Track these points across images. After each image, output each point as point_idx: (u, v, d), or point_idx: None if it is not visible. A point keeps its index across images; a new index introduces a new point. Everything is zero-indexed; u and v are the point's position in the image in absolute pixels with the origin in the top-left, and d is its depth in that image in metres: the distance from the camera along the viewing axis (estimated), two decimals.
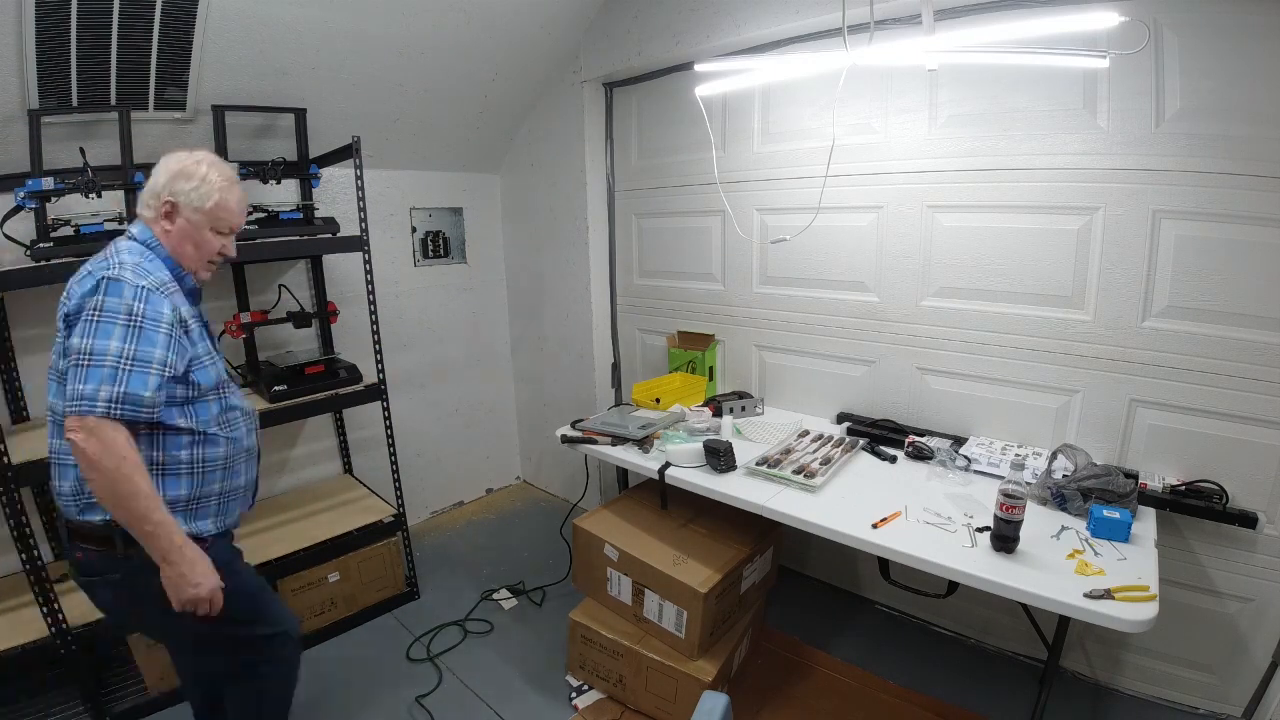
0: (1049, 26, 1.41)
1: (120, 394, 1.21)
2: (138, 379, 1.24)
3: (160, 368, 1.27)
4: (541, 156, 3.21)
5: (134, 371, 1.23)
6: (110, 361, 1.21)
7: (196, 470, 1.37)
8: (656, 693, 1.97)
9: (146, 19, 1.90)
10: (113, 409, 1.20)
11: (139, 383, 1.24)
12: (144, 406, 1.24)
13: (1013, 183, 1.97)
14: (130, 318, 1.25)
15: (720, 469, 1.97)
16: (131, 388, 1.23)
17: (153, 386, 1.25)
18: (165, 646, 1.82)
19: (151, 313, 1.27)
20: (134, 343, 1.24)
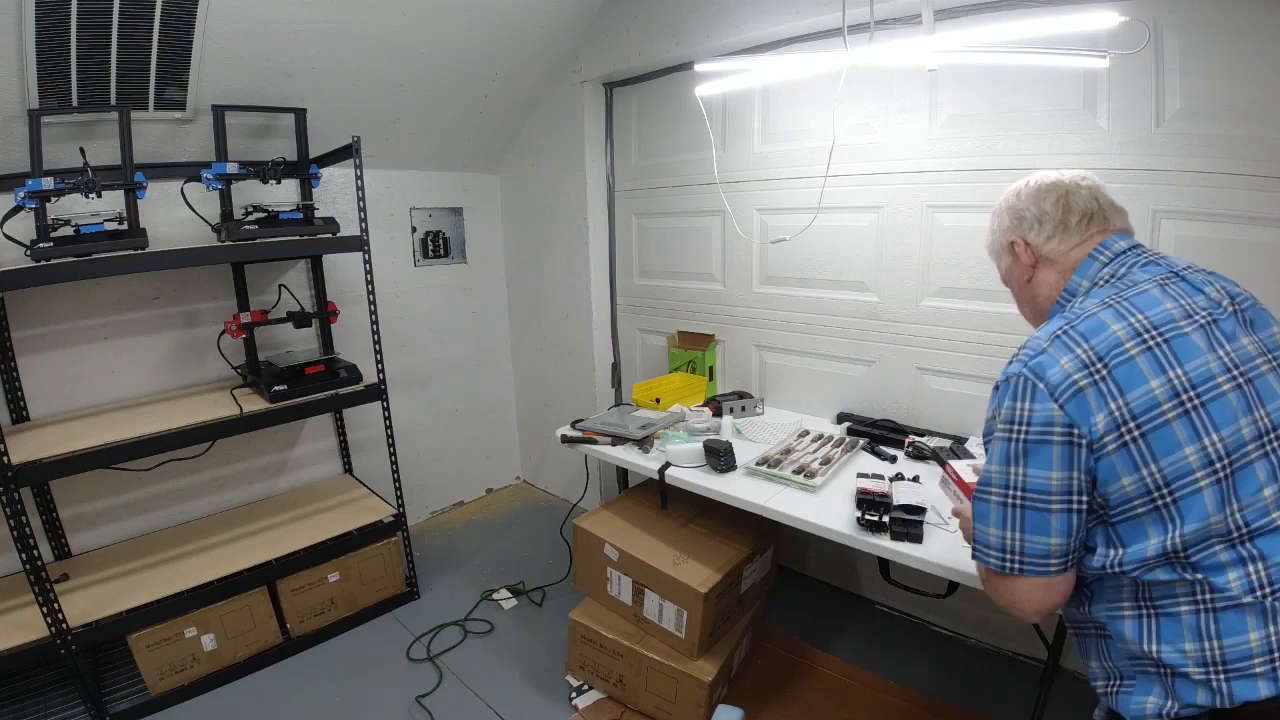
0: (1049, 26, 1.41)
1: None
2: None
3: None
4: (541, 156, 3.21)
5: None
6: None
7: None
8: (656, 693, 1.97)
9: (146, 19, 1.90)
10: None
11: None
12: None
13: (1013, 183, 1.96)
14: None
15: (720, 469, 1.97)
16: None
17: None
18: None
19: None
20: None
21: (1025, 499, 0.91)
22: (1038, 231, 1.06)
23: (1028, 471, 0.90)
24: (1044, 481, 0.89)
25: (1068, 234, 1.04)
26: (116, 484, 2.39)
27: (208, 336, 2.53)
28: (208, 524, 2.54)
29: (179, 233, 2.34)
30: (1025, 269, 1.09)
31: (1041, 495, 0.90)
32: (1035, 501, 0.90)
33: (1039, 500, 0.90)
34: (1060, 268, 1.05)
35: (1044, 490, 0.89)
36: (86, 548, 2.37)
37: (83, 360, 2.31)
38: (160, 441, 2.02)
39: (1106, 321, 0.91)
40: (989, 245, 1.18)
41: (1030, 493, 0.90)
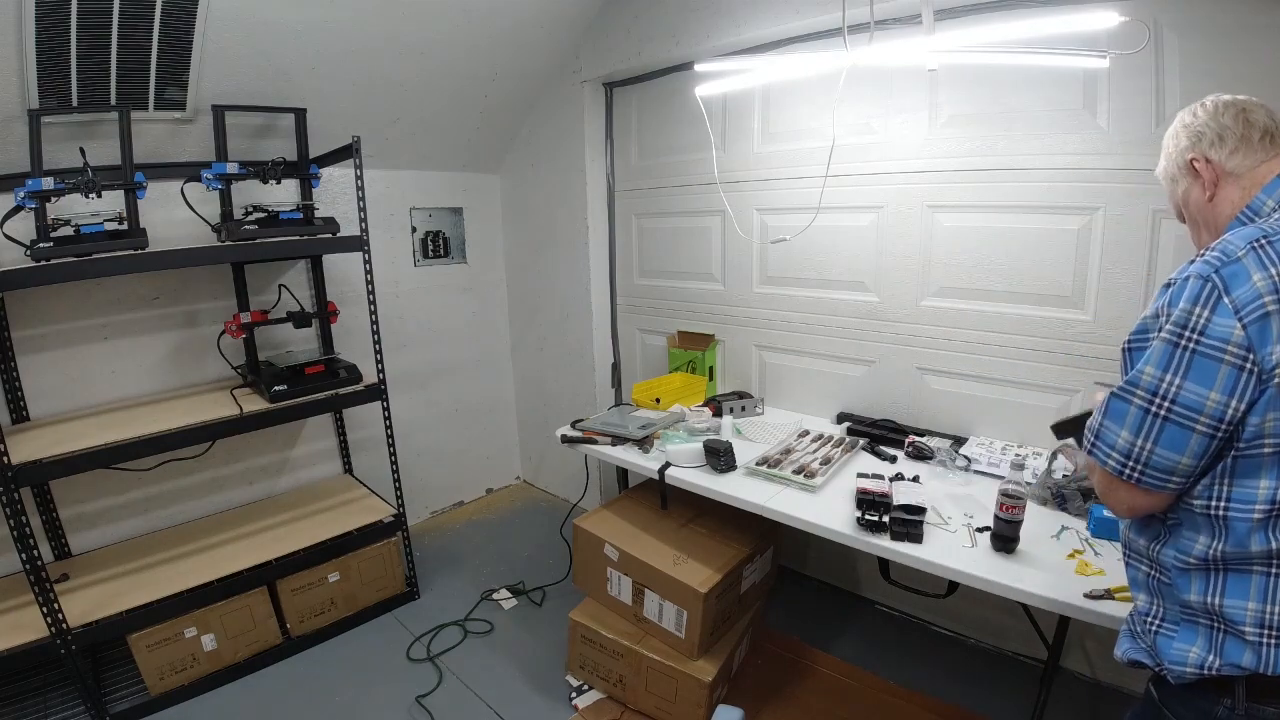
0: (1049, 26, 1.41)
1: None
2: None
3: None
4: (541, 156, 3.20)
5: None
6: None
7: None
8: (656, 693, 1.97)
9: (146, 19, 1.90)
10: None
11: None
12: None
13: (1013, 183, 1.97)
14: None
15: (720, 469, 1.97)
16: None
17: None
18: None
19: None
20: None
21: (1172, 411, 0.86)
22: (1219, 147, 0.99)
23: (1185, 383, 0.85)
24: (1199, 399, 0.84)
25: (1251, 149, 0.98)
26: (116, 484, 2.39)
27: (208, 336, 2.53)
28: (208, 524, 2.54)
29: (179, 233, 2.34)
30: (1208, 186, 1.00)
31: (1191, 412, 0.84)
32: (1181, 417, 0.85)
33: (1186, 417, 0.85)
34: (1245, 184, 0.97)
35: (1195, 408, 0.84)
36: (86, 548, 2.37)
37: (83, 360, 2.31)
38: (160, 441, 2.02)
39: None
40: (1162, 170, 1.09)
41: (1179, 406, 0.85)
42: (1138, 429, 0.89)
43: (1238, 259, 0.85)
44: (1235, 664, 0.85)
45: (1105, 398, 0.95)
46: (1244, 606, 0.85)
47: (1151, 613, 0.97)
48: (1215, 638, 0.88)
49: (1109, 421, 0.93)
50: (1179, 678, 0.90)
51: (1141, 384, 0.89)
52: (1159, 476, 0.88)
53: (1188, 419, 0.85)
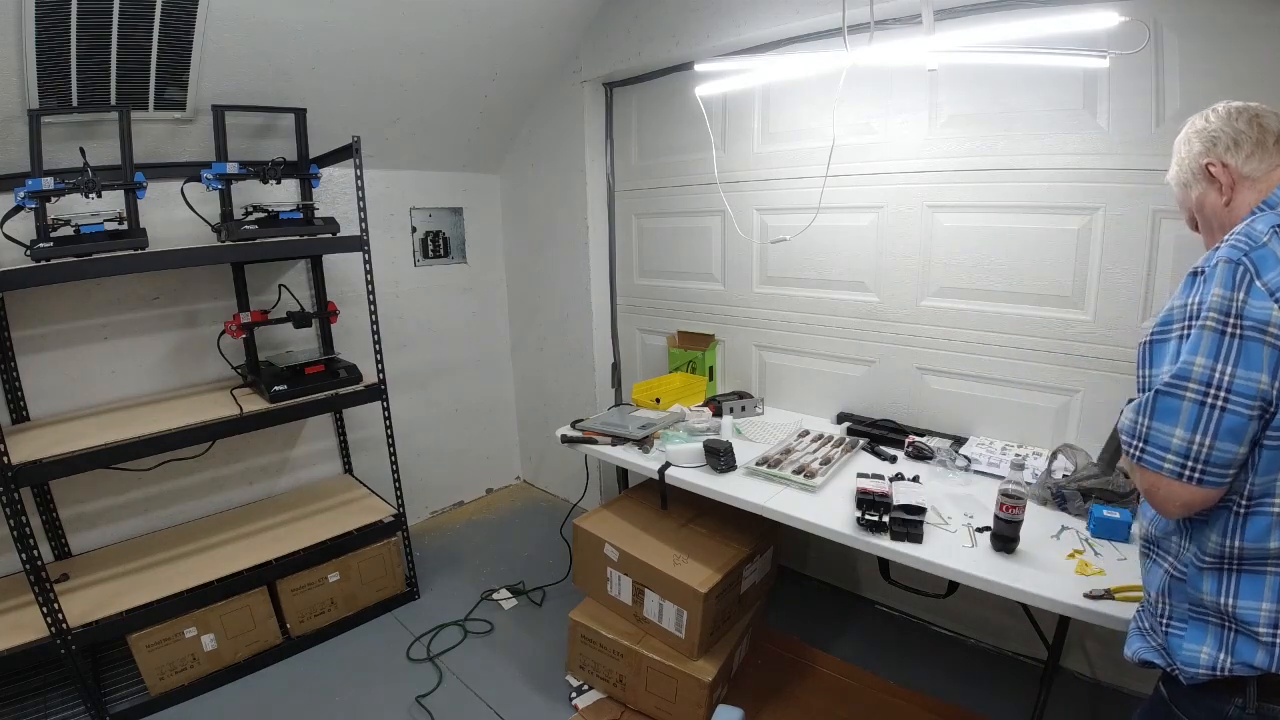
0: (1049, 26, 1.41)
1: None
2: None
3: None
4: (541, 156, 3.21)
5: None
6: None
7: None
8: (656, 693, 1.97)
9: (146, 19, 1.90)
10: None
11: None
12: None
13: (1013, 183, 1.97)
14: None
15: (720, 469, 1.97)
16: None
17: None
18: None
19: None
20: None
21: (1230, 401, 0.82)
22: (1234, 152, 0.98)
23: (1238, 370, 0.82)
24: (1252, 385, 0.82)
25: (1266, 154, 0.97)
26: (116, 484, 2.39)
27: (208, 336, 2.53)
28: (208, 524, 2.54)
29: (179, 233, 2.34)
30: (1225, 191, 1.00)
31: (1246, 399, 0.82)
32: (1239, 405, 0.82)
33: (1243, 404, 0.82)
34: (1261, 188, 0.97)
35: (1250, 394, 0.82)
36: (86, 548, 2.37)
37: (83, 360, 2.31)
38: (160, 441, 2.02)
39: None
40: (1173, 176, 1.09)
41: (1235, 395, 0.82)
42: (1194, 425, 0.85)
43: (1264, 244, 0.84)
44: (1248, 664, 0.85)
45: (1146, 397, 0.90)
46: (1258, 607, 0.85)
47: (1160, 611, 0.96)
48: (1226, 637, 0.87)
49: (1158, 423, 0.88)
50: (1191, 678, 0.90)
51: (1193, 377, 0.84)
52: (1219, 472, 0.85)
53: (1245, 406, 0.82)
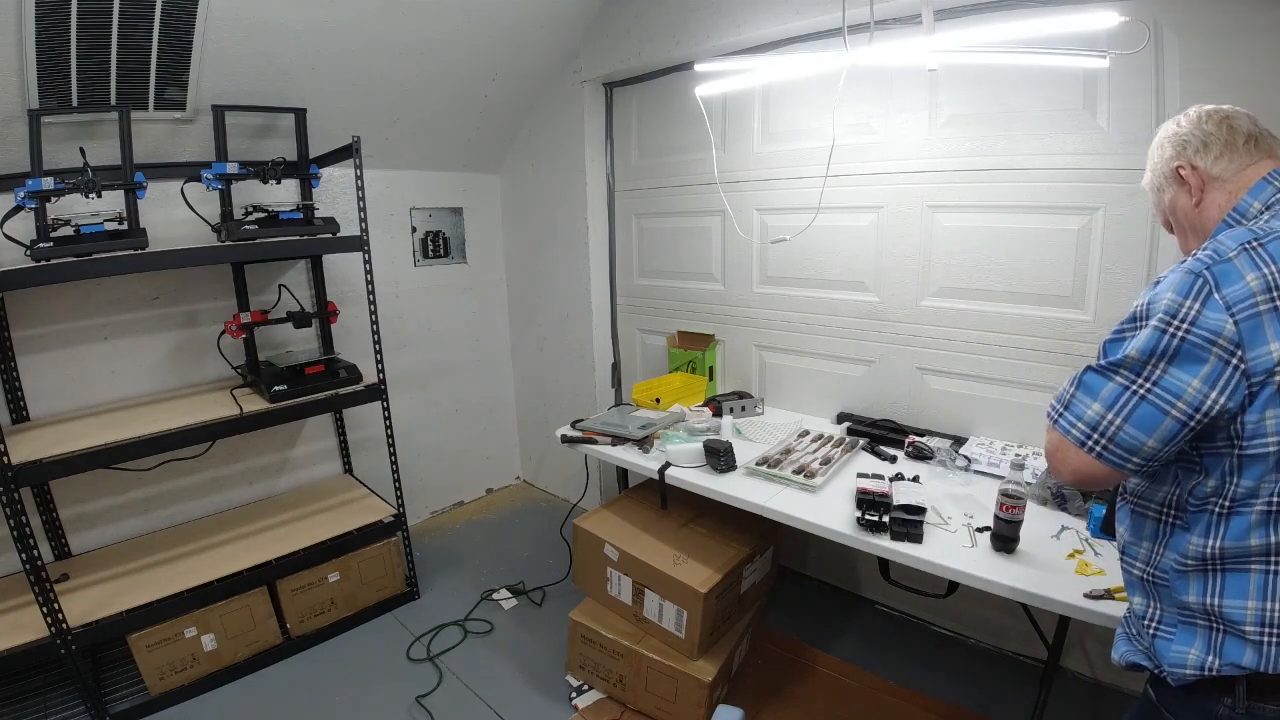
0: (1049, 26, 1.41)
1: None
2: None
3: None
4: (541, 156, 3.21)
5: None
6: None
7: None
8: (656, 693, 1.97)
9: (146, 19, 1.90)
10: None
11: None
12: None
13: (1013, 183, 1.97)
14: None
15: (720, 469, 1.97)
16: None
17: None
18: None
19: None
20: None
21: (1151, 392, 0.86)
22: (1204, 154, 0.99)
23: (1170, 368, 0.85)
24: (1180, 385, 0.85)
25: (1235, 154, 0.98)
26: (116, 484, 2.39)
27: (208, 336, 2.53)
28: (208, 524, 2.54)
29: (179, 233, 2.34)
30: (1194, 193, 1.01)
31: (1170, 396, 0.85)
32: (1159, 399, 0.86)
33: (1164, 400, 0.85)
34: (1231, 188, 0.98)
35: (1176, 393, 0.85)
36: (86, 548, 2.37)
37: (83, 360, 2.31)
38: (160, 441, 2.02)
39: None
40: (1148, 182, 1.10)
41: (1159, 389, 0.86)
42: (1111, 404, 0.89)
43: (1229, 259, 0.86)
44: (1236, 664, 0.86)
45: (1080, 372, 0.95)
46: (1244, 605, 0.85)
47: (1148, 615, 0.97)
48: (1214, 638, 0.88)
49: (1081, 394, 0.94)
50: (1179, 679, 0.90)
51: (1126, 364, 0.89)
52: (1121, 454, 0.89)
53: (1166, 402, 0.86)
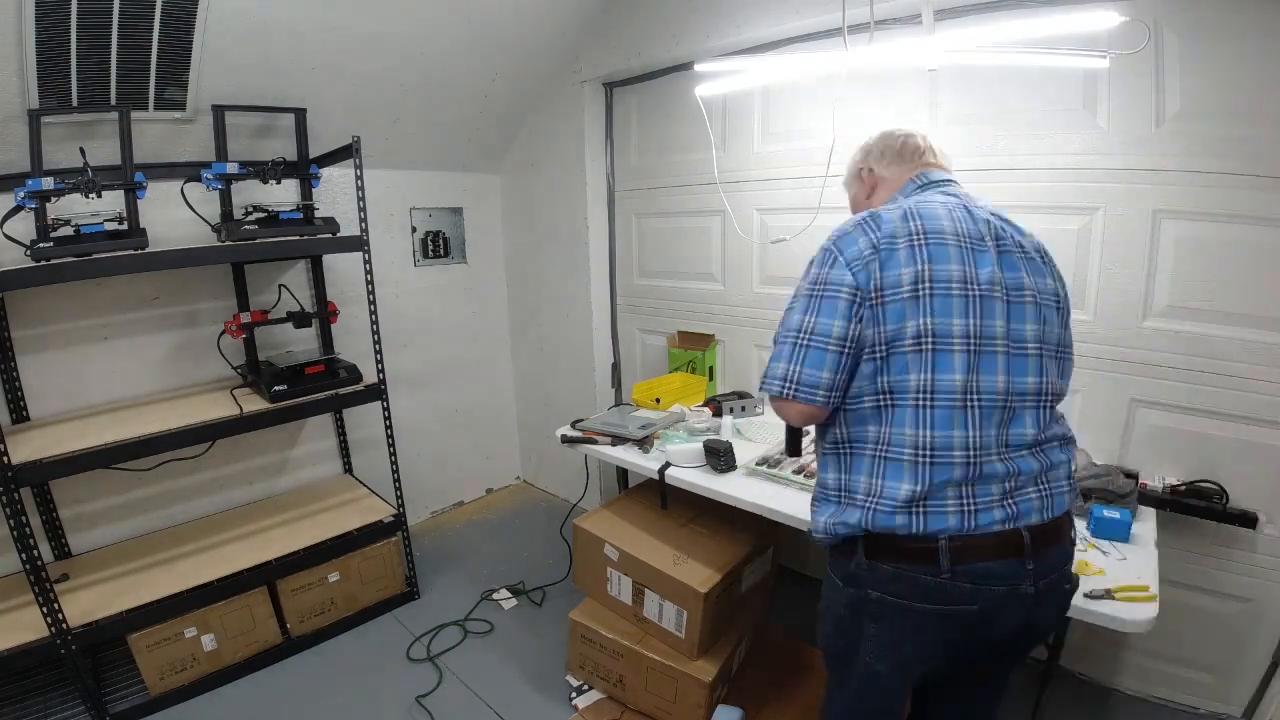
0: (1049, 26, 1.41)
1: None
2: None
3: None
4: (541, 156, 3.20)
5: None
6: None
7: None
8: (656, 693, 1.96)
9: (146, 19, 1.90)
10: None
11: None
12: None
13: (1012, 183, 1.97)
14: None
15: (720, 469, 1.97)
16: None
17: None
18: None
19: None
20: None
21: (812, 340, 1.13)
22: (879, 160, 1.34)
23: (818, 319, 1.13)
24: (828, 326, 1.12)
25: (902, 162, 1.31)
26: (116, 484, 2.39)
27: (208, 336, 2.53)
28: (208, 524, 2.54)
29: (179, 233, 2.34)
30: (867, 189, 1.36)
31: (823, 337, 1.12)
32: (818, 342, 1.12)
33: (820, 341, 1.12)
34: (890, 185, 1.32)
35: (826, 333, 1.12)
36: (86, 548, 2.37)
37: (83, 360, 2.31)
38: (160, 441, 2.02)
39: (894, 219, 1.14)
40: (845, 179, 1.44)
41: (816, 335, 1.12)
42: (789, 357, 1.14)
43: (848, 233, 1.16)
44: (846, 523, 1.13)
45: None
46: (860, 480, 1.13)
47: (813, 496, 1.25)
48: (839, 506, 1.16)
49: (773, 361, 1.18)
50: (821, 542, 1.21)
51: (791, 326, 1.16)
52: (807, 390, 1.13)
53: (822, 342, 1.12)
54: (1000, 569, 1.07)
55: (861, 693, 1.24)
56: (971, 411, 1.07)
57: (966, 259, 1.10)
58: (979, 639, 1.12)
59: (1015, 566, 1.07)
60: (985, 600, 1.07)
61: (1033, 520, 1.08)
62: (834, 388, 1.12)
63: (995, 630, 1.11)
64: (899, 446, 1.09)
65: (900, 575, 1.09)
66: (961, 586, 1.07)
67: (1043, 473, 1.11)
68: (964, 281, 1.09)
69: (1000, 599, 1.08)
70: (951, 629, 1.11)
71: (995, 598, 1.07)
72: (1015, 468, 1.09)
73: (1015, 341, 1.10)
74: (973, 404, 1.07)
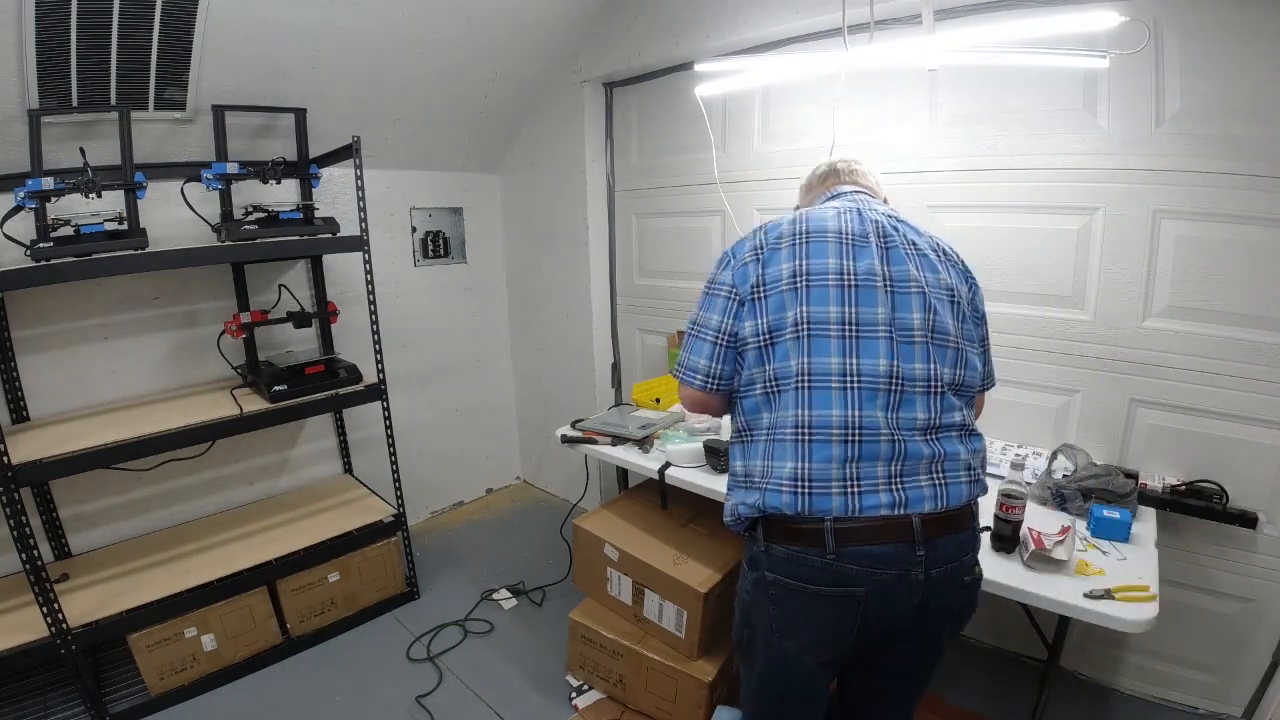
0: (1049, 26, 1.41)
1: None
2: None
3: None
4: (541, 156, 3.20)
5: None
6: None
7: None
8: (656, 693, 1.96)
9: (146, 19, 1.90)
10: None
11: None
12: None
13: (1013, 183, 1.97)
14: None
15: (720, 469, 1.97)
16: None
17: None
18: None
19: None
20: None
21: (700, 331, 1.27)
22: (803, 195, 1.53)
23: (706, 314, 1.27)
24: (709, 320, 1.26)
25: (817, 188, 1.47)
26: (116, 484, 2.39)
27: (208, 336, 2.53)
28: (208, 524, 2.54)
29: (179, 233, 2.34)
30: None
31: (706, 329, 1.26)
32: (702, 333, 1.26)
33: (703, 333, 1.26)
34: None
35: (708, 325, 1.26)
36: (86, 548, 2.37)
37: (83, 360, 2.31)
38: (160, 441, 2.02)
39: (783, 224, 1.26)
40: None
41: (702, 327, 1.27)
42: (688, 348, 1.29)
43: (744, 240, 1.29)
44: (745, 503, 1.19)
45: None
46: (755, 464, 1.20)
47: (730, 480, 1.29)
48: (742, 491, 1.22)
49: (682, 351, 1.31)
50: (729, 526, 1.26)
51: (694, 320, 1.29)
52: (689, 373, 1.28)
53: (705, 334, 1.26)
54: (888, 554, 1.09)
55: (767, 671, 1.28)
56: (851, 392, 1.13)
57: (845, 253, 1.20)
58: (875, 623, 1.14)
59: (904, 552, 1.09)
60: (873, 583, 1.10)
61: (924, 508, 1.11)
62: (710, 374, 1.25)
63: (889, 614, 1.14)
64: (784, 428, 1.16)
65: (792, 557, 1.14)
66: (848, 568, 1.10)
67: (937, 460, 1.14)
68: (840, 273, 1.19)
69: (889, 583, 1.10)
70: (843, 611, 1.13)
71: (884, 581, 1.10)
72: (903, 450, 1.12)
73: (901, 329, 1.17)
74: (852, 385, 1.14)
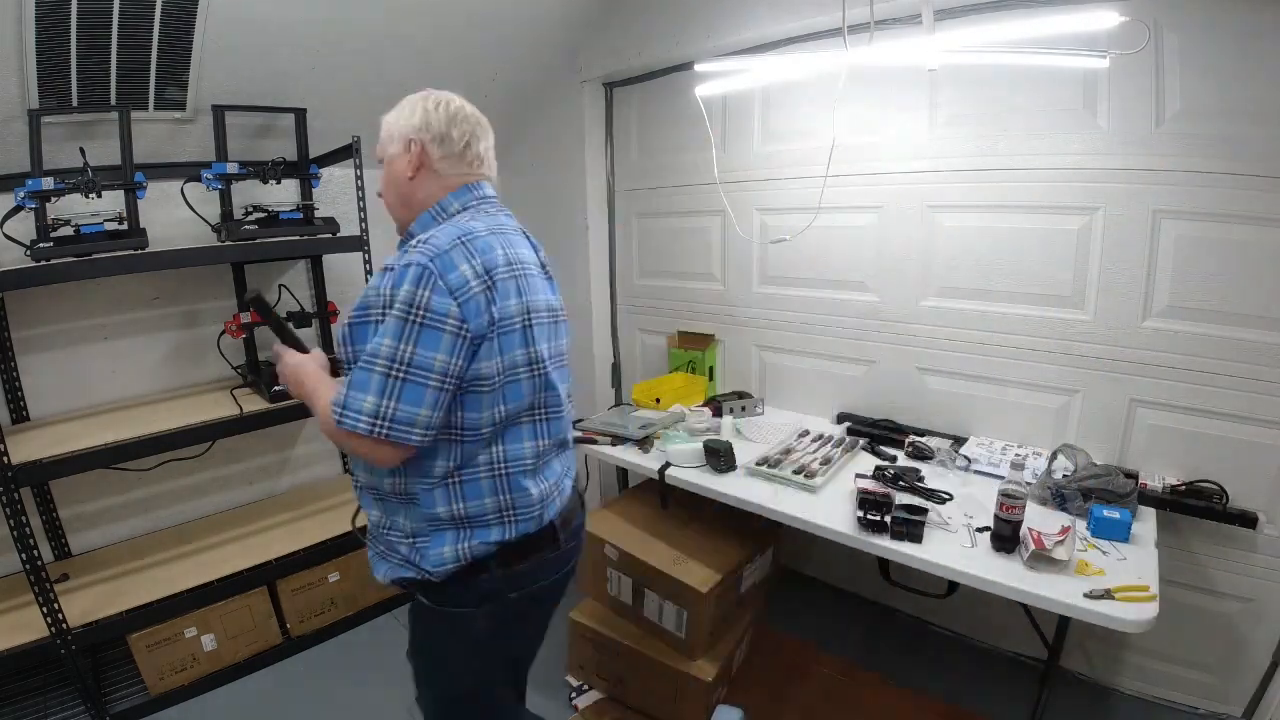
0: (1049, 26, 1.41)
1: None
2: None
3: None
4: (541, 156, 3.20)
5: None
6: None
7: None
8: (657, 693, 1.96)
9: (146, 19, 1.90)
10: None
11: None
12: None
13: (1013, 183, 1.97)
14: None
15: (720, 469, 1.97)
16: None
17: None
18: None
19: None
20: None
21: (409, 373, 1.03)
22: (437, 147, 1.22)
23: (417, 350, 1.03)
24: (429, 360, 1.04)
25: (460, 162, 1.23)
26: (116, 484, 2.39)
27: (208, 336, 2.53)
28: (208, 524, 2.54)
29: (179, 233, 2.34)
30: (412, 167, 1.22)
31: (424, 371, 1.04)
32: (417, 376, 1.03)
33: (421, 375, 1.04)
34: (442, 183, 1.22)
35: (427, 367, 1.04)
36: (86, 548, 2.37)
37: (83, 360, 2.31)
38: (160, 441, 2.02)
39: (494, 246, 1.12)
40: (384, 132, 1.30)
41: (414, 368, 1.03)
42: (382, 391, 1.03)
43: (446, 252, 1.06)
44: (487, 541, 1.16)
45: (350, 372, 1.09)
46: (482, 503, 1.15)
47: (412, 538, 1.18)
48: (463, 532, 1.15)
49: (354, 391, 1.05)
50: (444, 575, 1.16)
51: (381, 354, 1.03)
52: (402, 429, 1.04)
53: (422, 377, 1.04)
54: (580, 518, 1.38)
55: (493, 696, 1.45)
56: (556, 420, 1.26)
57: (544, 288, 1.24)
58: (562, 588, 1.36)
59: (581, 516, 1.40)
60: (577, 544, 1.37)
61: (568, 489, 1.35)
62: (431, 426, 1.06)
63: (569, 573, 1.36)
64: (521, 460, 1.18)
65: (535, 565, 1.23)
66: (570, 545, 1.31)
67: (564, 461, 1.36)
68: (549, 310, 1.23)
69: (578, 543, 1.37)
70: (559, 587, 1.34)
71: (578, 542, 1.37)
72: (566, 457, 1.36)
73: (556, 358, 1.26)
74: (555, 414, 1.25)
